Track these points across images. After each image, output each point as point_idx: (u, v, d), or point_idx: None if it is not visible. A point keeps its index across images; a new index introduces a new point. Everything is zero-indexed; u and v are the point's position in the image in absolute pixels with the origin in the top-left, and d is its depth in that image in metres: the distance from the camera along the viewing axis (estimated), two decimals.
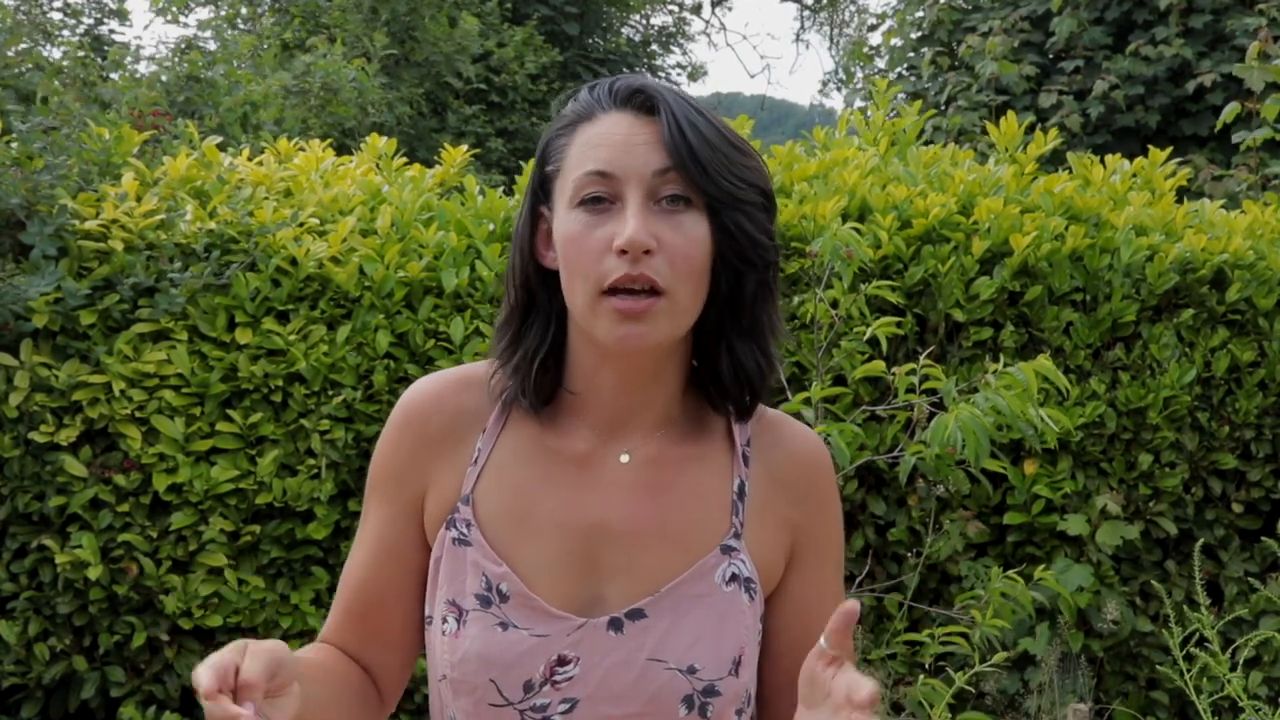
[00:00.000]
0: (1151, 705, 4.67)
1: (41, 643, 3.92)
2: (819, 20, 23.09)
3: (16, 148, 4.04)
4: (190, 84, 8.04)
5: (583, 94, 1.41)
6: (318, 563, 4.10)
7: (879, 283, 3.76)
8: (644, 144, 1.34)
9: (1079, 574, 4.38)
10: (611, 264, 1.32)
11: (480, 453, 1.45)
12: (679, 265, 1.33)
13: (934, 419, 3.19)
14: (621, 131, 1.35)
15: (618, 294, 1.32)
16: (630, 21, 17.23)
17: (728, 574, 1.40)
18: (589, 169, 1.34)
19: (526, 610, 1.38)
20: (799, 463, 1.49)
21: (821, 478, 1.50)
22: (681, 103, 1.36)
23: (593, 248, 1.33)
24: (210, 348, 3.96)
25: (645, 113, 1.36)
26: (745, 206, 1.36)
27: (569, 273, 1.36)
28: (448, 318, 4.08)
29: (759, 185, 1.38)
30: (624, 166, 1.33)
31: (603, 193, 1.33)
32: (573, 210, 1.35)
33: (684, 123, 1.33)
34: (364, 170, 4.60)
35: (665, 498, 1.42)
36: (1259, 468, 4.80)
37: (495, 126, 12.30)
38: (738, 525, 1.42)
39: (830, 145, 5.08)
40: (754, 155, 1.40)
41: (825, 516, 1.49)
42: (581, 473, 1.43)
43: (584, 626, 1.37)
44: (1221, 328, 4.73)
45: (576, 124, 1.38)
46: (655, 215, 1.33)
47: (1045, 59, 10.40)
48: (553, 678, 1.36)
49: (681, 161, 1.32)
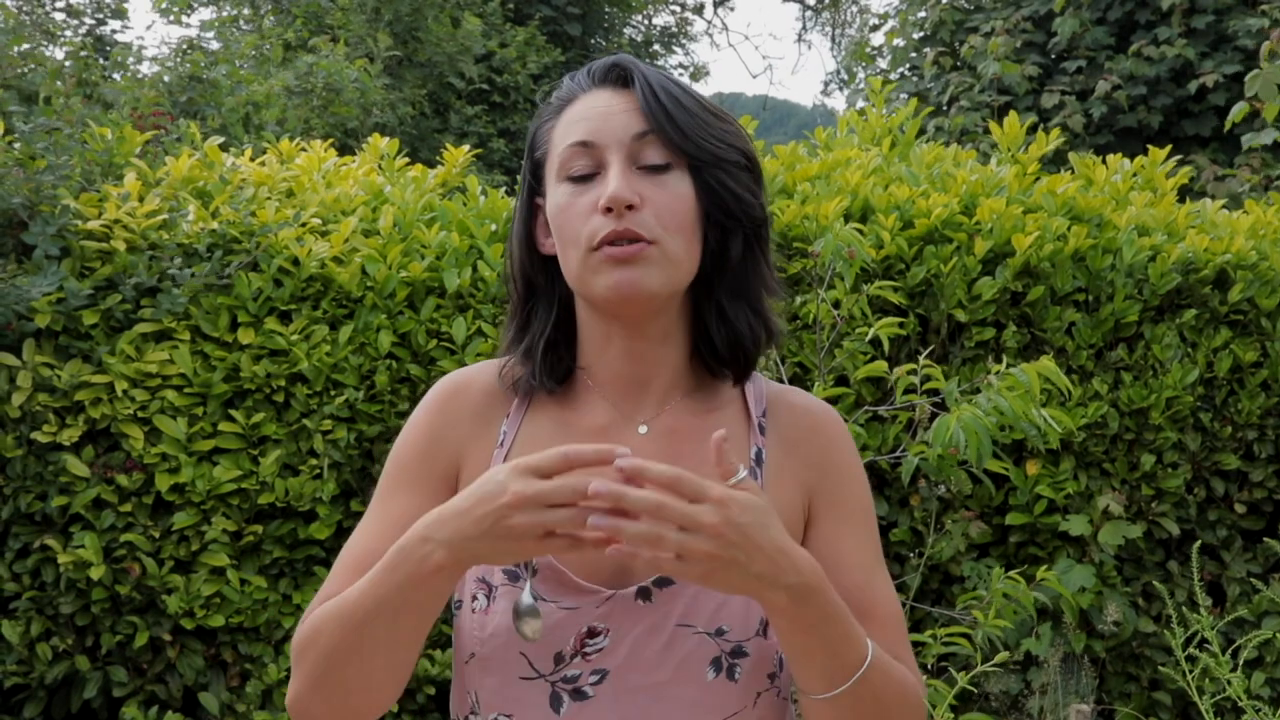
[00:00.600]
0: (1154, 706, 4.66)
1: (44, 642, 3.92)
2: (821, 21, 23.10)
3: (19, 148, 4.04)
4: (193, 84, 8.05)
5: (565, 81, 1.47)
6: (320, 563, 4.10)
7: (881, 283, 3.76)
8: (622, 112, 1.39)
9: (1081, 574, 4.38)
10: (598, 222, 1.37)
11: (506, 436, 1.48)
12: (665, 219, 1.38)
13: (936, 419, 3.19)
14: (600, 105, 1.41)
15: (607, 246, 1.37)
16: (632, 22, 17.23)
17: None
18: (571, 141, 1.40)
19: (555, 584, 1.39)
20: (809, 426, 1.53)
21: (833, 439, 1.53)
22: (656, 73, 1.42)
23: (580, 212, 1.38)
24: (212, 348, 3.96)
25: (622, 85, 1.42)
26: (727, 165, 1.40)
27: (562, 242, 1.41)
28: (450, 318, 4.08)
29: (738, 146, 1.43)
30: (604, 134, 1.38)
31: (587, 165, 1.39)
32: (560, 184, 1.41)
33: (659, 90, 1.39)
34: (366, 170, 4.60)
35: (686, 464, 1.40)
36: (1261, 468, 4.80)
37: (497, 127, 12.30)
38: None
39: (832, 145, 5.08)
40: (732, 121, 1.45)
41: (840, 476, 1.51)
42: (601, 444, 1.44)
43: (613, 598, 1.39)
44: (1224, 328, 4.73)
45: (560, 109, 1.45)
46: (638, 176, 1.38)
47: (1047, 59, 10.41)
48: (583, 649, 1.38)
49: (659, 124, 1.38)
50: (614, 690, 1.38)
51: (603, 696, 1.38)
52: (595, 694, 1.38)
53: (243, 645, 4.04)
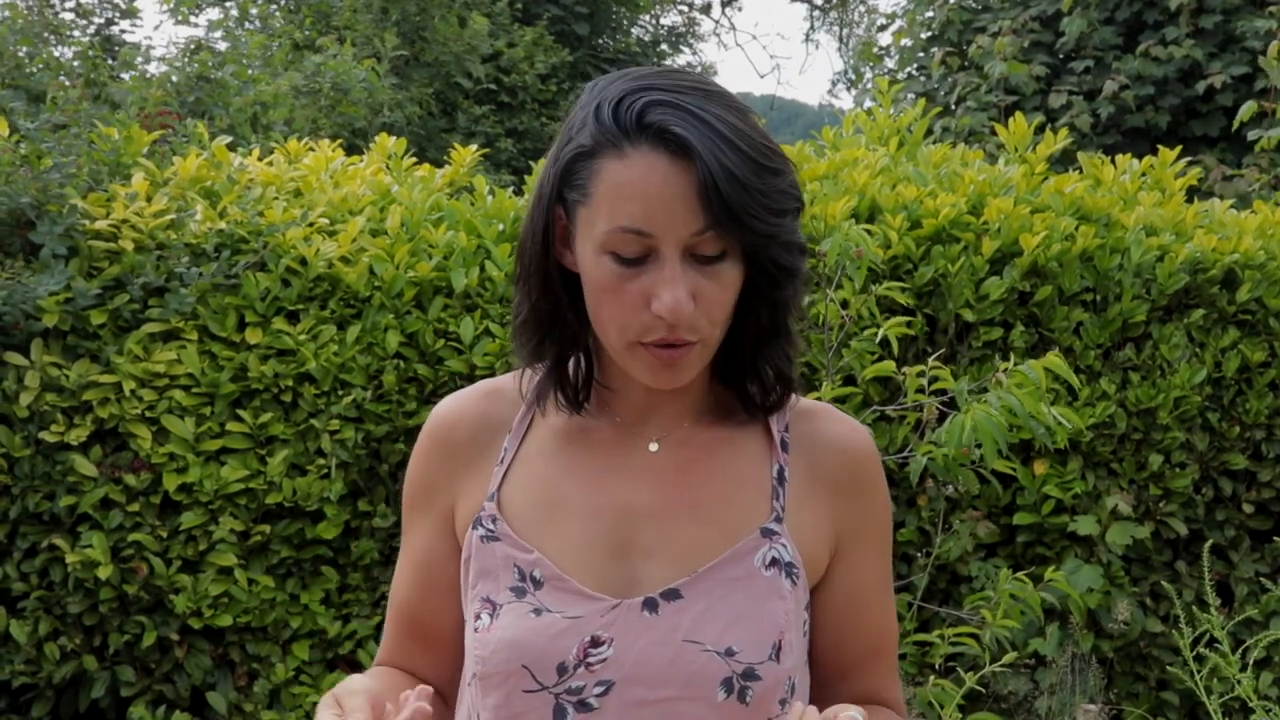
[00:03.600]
0: (1162, 706, 4.66)
1: (52, 642, 3.92)
2: (829, 20, 23.08)
3: (25, 147, 4.05)
4: (200, 84, 8.05)
5: (605, 114, 1.29)
6: (327, 562, 4.11)
7: (889, 283, 3.76)
8: (680, 198, 1.26)
9: (1089, 575, 4.37)
10: (648, 320, 1.29)
11: (507, 452, 1.45)
12: (715, 314, 1.31)
13: (947, 419, 3.18)
14: (655, 182, 1.26)
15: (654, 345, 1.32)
16: (640, 21, 17.21)
17: (768, 558, 1.38)
18: (624, 225, 1.27)
19: (560, 593, 1.37)
20: (841, 454, 1.47)
21: (865, 468, 1.49)
22: (712, 139, 1.25)
23: (628, 301, 1.30)
24: (220, 347, 3.97)
25: (678, 153, 1.26)
26: (780, 240, 1.30)
27: (599, 316, 1.33)
28: (457, 318, 4.08)
29: (792, 206, 1.32)
30: (661, 225, 1.27)
31: (638, 250, 1.28)
32: (603, 256, 1.30)
33: (719, 172, 1.24)
34: (374, 170, 4.60)
35: (698, 478, 1.42)
36: (1269, 468, 4.79)
37: (505, 127, 12.30)
38: (779, 509, 1.41)
39: (840, 145, 5.07)
40: (783, 164, 1.31)
41: (871, 508, 1.49)
42: (610, 457, 1.43)
43: (618, 607, 1.36)
44: (1232, 328, 4.72)
45: (602, 152, 1.29)
46: (692, 268, 1.29)
47: (1055, 59, 10.39)
48: (586, 659, 1.34)
49: (719, 220, 1.26)
50: (620, 703, 1.34)
51: (608, 709, 1.34)
52: (600, 706, 1.34)
53: (250, 645, 4.04)
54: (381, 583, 4.11)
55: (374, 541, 4.09)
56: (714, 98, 1.29)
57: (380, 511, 4.07)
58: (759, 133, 1.30)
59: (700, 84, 1.31)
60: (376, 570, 4.12)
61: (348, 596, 4.12)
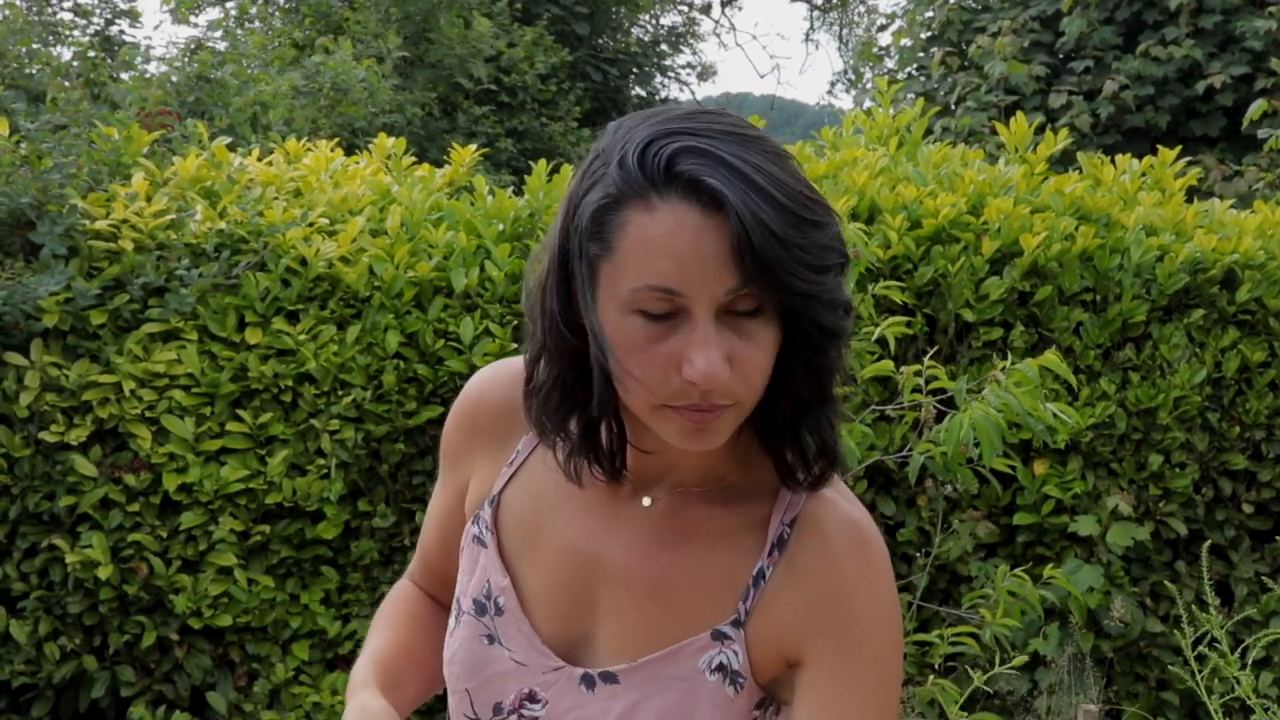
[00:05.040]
0: (1161, 706, 4.66)
1: (52, 642, 3.92)
2: (829, 20, 23.10)
3: (26, 147, 4.05)
4: (200, 84, 8.06)
5: (630, 161, 1.18)
6: (327, 562, 4.11)
7: (888, 283, 3.75)
8: (713, 255, 1.15)
9: (1089, 575, 4.37)
10: (678, 385, 1.18)
11: (519, 454, 1.42)
12: (752, 378, 1.20)
13: (945, 418, 3.18)
14: (687, 239, 1.15)
15: (685, 408, 1.21)
16: (640, 21, 17.21)
17: (715, 662, 1.28)
18: (652, 283, 1.16)
19: (515, 631, 1.35)
20: (824, 559, 1.30)
21: (848, 579, 1.29)
22: (746, 190, 1.15)
23: (656, 364, 1.19)
24: (220, 347, 3.97)
25: (710, 206, 1.15)
26: (822, 299, 1.19)
27: (625, 377, 1.21)
28: (457, 318, 4.08)
29: (835, 262, 1.20)
30: (692, 284, 1.16)
31: (667, 308, 1.17)
32: (629, 315, 1.19)
33: (754, 227, 1.13)
34: (373, 170, 4.60)
35: (674, 558, 1.32)
36: (1269, 468, 4.79)
37: (505, 127, 12.29)
38: (742, 612, 1.29)
39: (839, 145, 5.07)
40: (827, 215, 1.20)
41: (846, 628, 1.29)
42: (603, 506, 1.36)
43: (560, 670, 1.32)
44: (1232, 328, 4.72)
45: (628, 201, 1.17)
46: (725, 327, 1.18)
47: (1055, 59, 10.39)
48: (521, 709, 1.33)
49: (754, 278, 1.15)
50: None
51: None
52: None
53: (250, 645, 4.04)
54: (381, 582, 4.11)
55: (374, 541, 4.09)
56: (749, 143, 1.18)
57: (380, 511, 4.07)
58: (800, 181, 1.19)
59: (734, 127, 1.19)
60: (376, 570, 4.12)
61: (348, 596, 4.12)
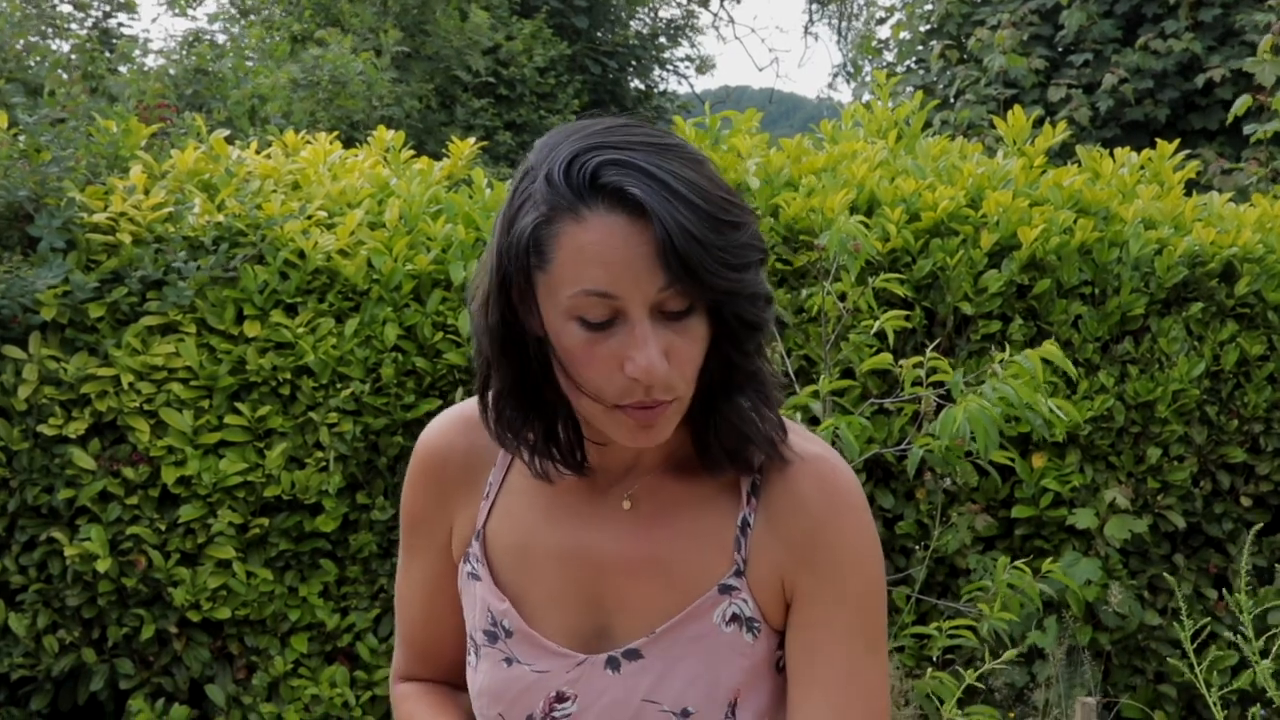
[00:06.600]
0: (1159, 699, 4.66)
1: (50, 635, 3.92)
2: (828, 13, 23.07)
3: (24, 140, 4.04)
4: (198, 77, 8.05)
5: (556, 177, 1.25)
6: (326, 555, 4.11)
7: (887, 276, 3.76)
8: (641, 258, 1.23)
9: (1087, 568, 4.38)
10: (623, 383, 1.26)
11: (491, 487, 1.47)
12: (687, 370, 1.29)
13: (942, 411, 3.19)
14: (616, 245, 1.23)
15: (631, 407, 1.29)
16: (638, 14, 17.19)
17: (728, 614, 1.37)
18: (587, 288, 1.24)
19: (528, 646, 1.40)
20: (796, 502, 1.39)
21: (821, 519, 1.39)
22: (667, 197, 1.22)
23: (600, 366, 1.27)
24: (218, 340, 3.97)
25: (635, 213, 1.23)
26: (743, 294, 1.27)
27: (572, 382, 1.29)
28: (456, 310, 4.08)
29: (754, 259, 1.28)
30: (625, 286, 1.23)
31: (604, 313, 1.25)
32: (569, 321, 1.26)
33: (676, 231, 1.21)
34: (372, 163, 4.60)
35: (662, 534, 1.40)
36: (1267, 461, 4.79)
37: (503, 119, 12.28)
38: (739, 562, 1.38)
39: (838, 138, 5.07)
40: (744, 215, 1.28)
41: (827, 561, 1.38)
42: (583, 505, 1.42)
43: (583, 664, 1.38)
44: (1230, 321, 4.72)
45: (558, 215, 1.24)
46: (661, 326, 1.26)
47: (1054, 52, 10.39)
48: (552, 713, 1.38)
49: (679, 278, 1.23)
50: None
51: None
52: None
53: (249, 638, 4.05)
54: (380, 575, 4.11)
55: (372, 534, 4.09)
56: (668, 152, 1.26)
57: (379, 504, 4.07)
58: (717, 185, 1.27)
59: (652, 138, 1.27)
60: (375, 563, 4.12)
61: (346, 589, 4.12)
